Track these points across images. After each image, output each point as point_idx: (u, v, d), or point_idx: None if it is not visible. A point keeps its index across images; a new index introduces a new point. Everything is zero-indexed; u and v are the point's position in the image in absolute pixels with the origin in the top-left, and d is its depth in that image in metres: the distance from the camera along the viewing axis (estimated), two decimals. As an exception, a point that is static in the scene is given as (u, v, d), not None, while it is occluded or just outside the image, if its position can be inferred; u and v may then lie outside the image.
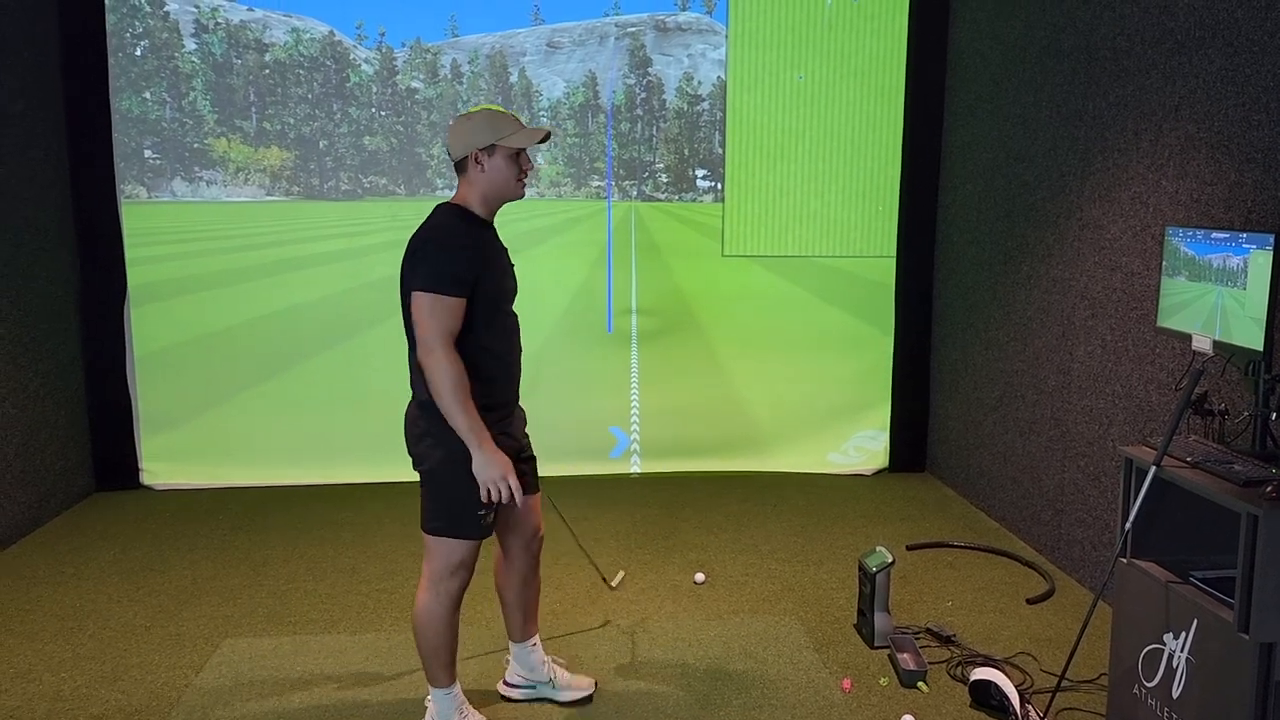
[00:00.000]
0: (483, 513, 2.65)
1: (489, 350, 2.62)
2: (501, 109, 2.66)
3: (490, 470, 2.54)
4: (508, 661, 3.15)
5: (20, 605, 3.89)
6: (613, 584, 3.43)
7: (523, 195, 2.68)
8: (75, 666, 3.38)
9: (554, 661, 3.16)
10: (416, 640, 2.77)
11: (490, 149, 2.59)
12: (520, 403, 2.88)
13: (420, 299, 2.49)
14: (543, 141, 2.64)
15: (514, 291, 2.76)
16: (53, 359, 4.94)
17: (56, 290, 5.00)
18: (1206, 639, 2.50)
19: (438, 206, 2.66)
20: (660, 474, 5.66)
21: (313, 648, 3.52)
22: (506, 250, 2.77)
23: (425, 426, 2.62)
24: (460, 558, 2.69)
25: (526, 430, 2.92)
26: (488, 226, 2.68)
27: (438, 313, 2.48)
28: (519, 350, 2.78)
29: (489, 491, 2.56)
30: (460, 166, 2.64)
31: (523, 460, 2.85)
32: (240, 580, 4.15)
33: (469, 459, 2.56)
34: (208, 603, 3.92)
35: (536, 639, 3.10)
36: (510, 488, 2.56)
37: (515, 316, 2.76)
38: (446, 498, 2.64)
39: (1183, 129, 3.43)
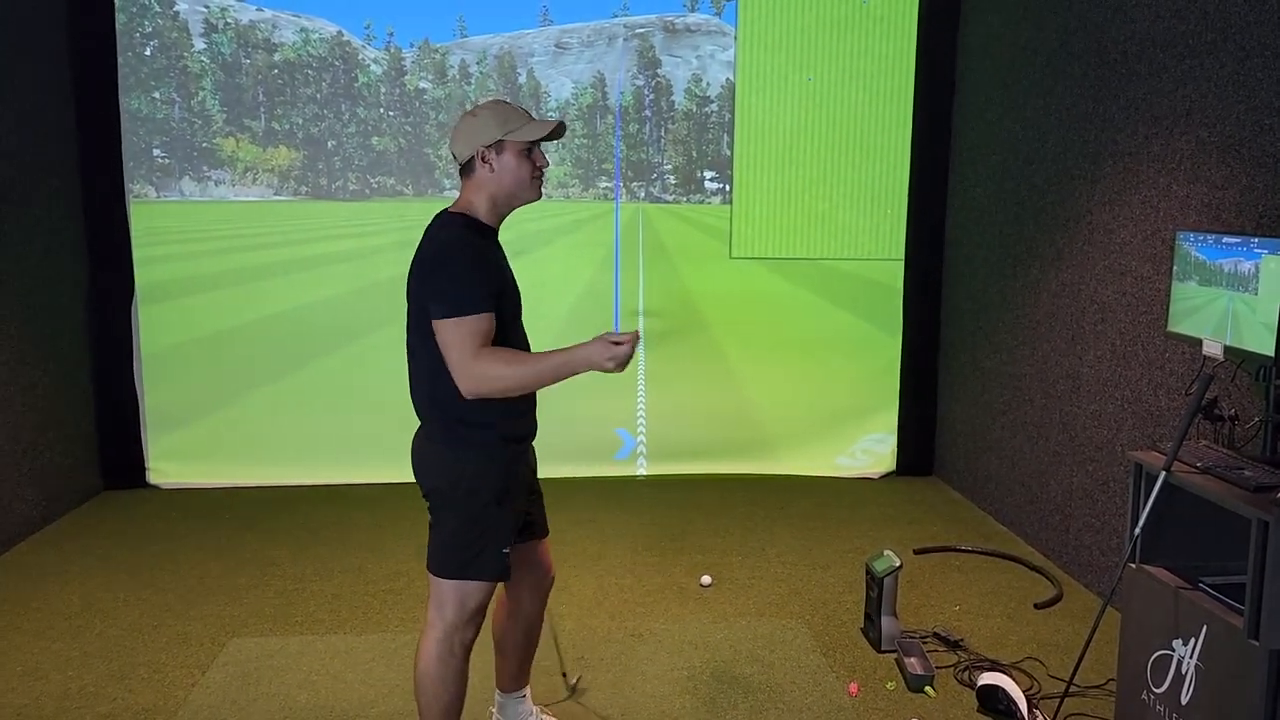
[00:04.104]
0: (506, 551, 2.42)
1: None
2: (508, 101, 2.40)
3: (597, 356, 2.22)
4: (492, 713, 2.88)
5: (28, 603, 3.89)
6: (571, 682, 3.25)
7: (538, 197, 2.38)
8: (83, 665, 3.39)
9: (542, 712, 2.93)
10: (420, 700, 2.46)
11: (498, 146, 2.31)
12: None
13: (448, 325, 2.22)
14: (555, 136, 2.34)
15: (520, 305, 2.48)
16: (61, 358, 4.95)
17: (65, 289, 5.01)
18: (1216, 645, 2.49)
19: (440, 216, 2.37)
20: (666, 476, 5.66)
21: (319, 648, 3.53)
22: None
23: (440, 455, 2.39)
24: (478, 603, 2.43)
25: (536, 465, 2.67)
26: (494, 235, 2.41)
27: (466, 335, 2.21)
28: None
29: (621, 359, 2.21)
30: (466, 168, 2.35)
31: (532, 498, 2.63)
32: (247, 580, 4.15)
33: (497, 495, 2.38)
34: (215, 602, 3.92)
35: (527, 690, 2.84)
36: (625, 349, 2.22)
37: (525, 335, 2.50)
38: (467, 534, 2.39)
39: (1194, 133, 3.42)
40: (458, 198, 2.42)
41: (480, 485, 2.38)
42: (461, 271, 2.24)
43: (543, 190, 2.42)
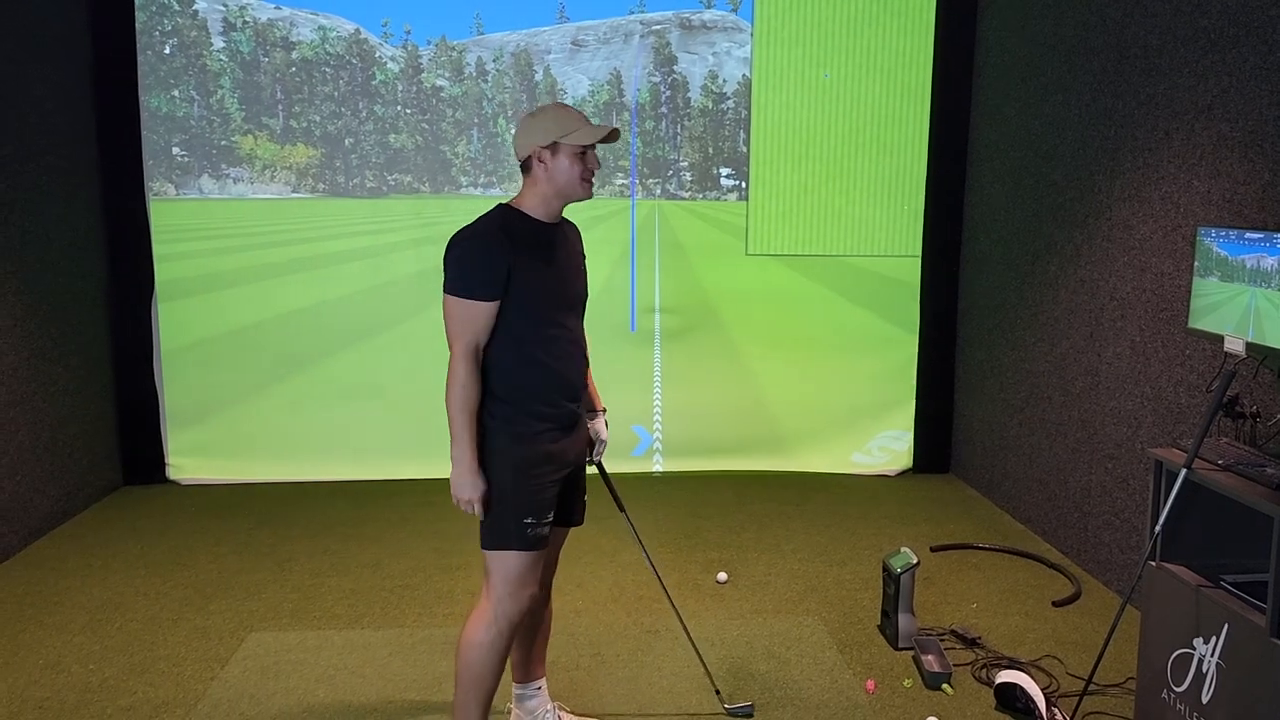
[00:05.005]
0: (529, 521, 2.51)
1: (535, 360, 2.48)
2: (568, 106, 2.53)
3: (459, 479, 2.46)
4: (509, 708, 2.91)
5: (49, 597, 3.93)
6: (726, 706, 3.14)
7: (588, 195, 2.52)
8: (104, 658, 3.42)
9: (560, 709, 2.95)
10: (457, 667, 2.57)
11: (554, 147, 2.45)
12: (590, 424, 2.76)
13: (444, 302, 2.44)
14: (609, 140, 2.47)
15: (572, 298, 2.61)
16: (82, 354, 4.99)
17: (86, 286, 5.05)
18: (1237, 644, 2.47)
19: (494, 206, 2.56)
20: (683, 473, 5.66)
21: (336, 642, 3.54)
22: (580, 253, 2.68)
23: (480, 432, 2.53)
24: (515, 573, 2.52)
25: (588, 458, 2.79)
26: (543, 226, 2.52)
27: (459, 316, 2.42)
28: (577, 361, 2.61)
29: (460, 499, 2.48)
30: (524, 166, 2.51)
31: (571, 491, 2.72)
32: (265, 575, 4.18)
33: (515, 465, 2.47)
34: (233, 597, 3.95)
35: (542, 682, 2.89)
36: (476, 501, 2.47)
37: (573, 326, 2.61)
38: (496, 506, 2.52)
39: (1215, 128, 3.39)
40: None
41: (505, 459, 2.49)
42: (464, 255, 2.42)
43: (593, 190, 2.55)
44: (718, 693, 3.18)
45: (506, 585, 2.54)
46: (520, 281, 2.42)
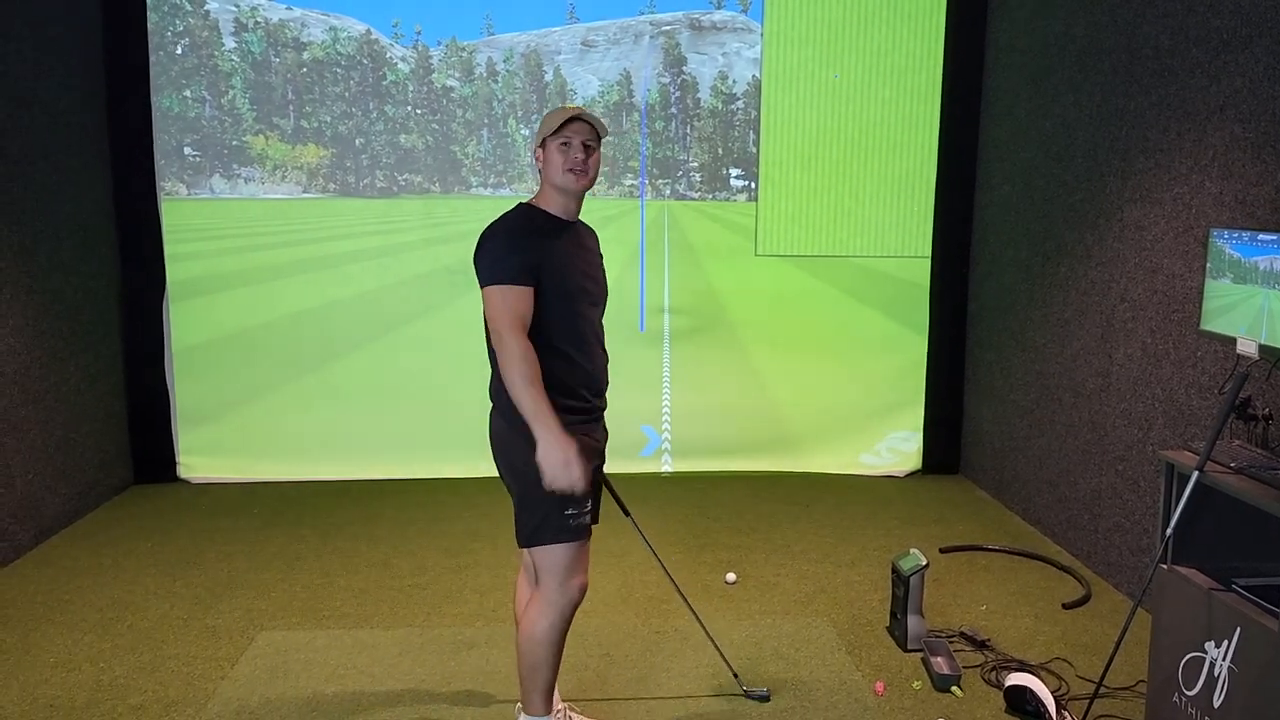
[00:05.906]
0: (571, 512, 2.53)
1: (563, 354, 2.54)
2: (573, 106, 2.57)
3: (552, 455, 2.35)
4: (518, 708, 2.85)
5: (61, 596, 3.95)
6: (744, 689, 3.20)
7: (573, 185, 2.55)
8: (114, 657, 3.43)
9: (570, 709, 2.96)
10: (518, 661, 2.67)
11: (544, 144, 2.58)
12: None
13: (486, 294, 2.47)
14: (569, 123, 2.51)
15: (595, 294, 2.67)
16: (93, 353, 5.01)
17: (98, 285, 5.08)
18: (1250, 648, 2.46)
19: (516, 205, 2.64)
20: (691, 473, 5.66)
21: (346, 642, 3.55)
22: (596, 253, 2.74)
23: (508, 435, 2.55)
24: (563, 564, 2.59)
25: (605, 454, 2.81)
26: (562, 223, 2.61)
27: (501, 302, 2.44)
28: (600, 356, 2.67)
29: (558, 482, 2.37)
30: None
31: (594, 481, 2.72)
32: (275, 574, 4.19)
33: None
34: (243, 596, 3.96)
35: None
36: (577, 475, 2.37)
37: (596, 321, 2.67)
38: (531, 502, 2.55)
39: (1228, 129, 3.37)
40: None
41: (532, 456, 2.49)
42: (496, 246, 2.50)
43: (583, 182, 2.57)
44: (736, 676, 3.22)
45: (555, 578, 2.60)
46: (548, 274, 2.50)
